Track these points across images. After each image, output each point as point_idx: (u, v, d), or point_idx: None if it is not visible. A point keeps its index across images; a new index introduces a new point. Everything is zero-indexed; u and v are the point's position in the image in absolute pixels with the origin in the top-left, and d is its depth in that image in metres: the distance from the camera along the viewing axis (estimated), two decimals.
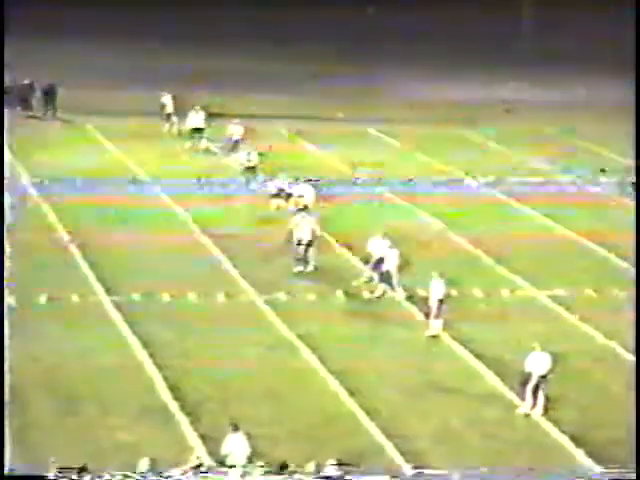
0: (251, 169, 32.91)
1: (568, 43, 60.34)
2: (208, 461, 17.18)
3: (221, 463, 17.04)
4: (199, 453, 17.44)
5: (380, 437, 18.64)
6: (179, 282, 25.06)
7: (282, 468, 16.58)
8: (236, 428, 17.35)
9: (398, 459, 17.84)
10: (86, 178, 33.39)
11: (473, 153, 39.42)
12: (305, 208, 27.90)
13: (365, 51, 57.17)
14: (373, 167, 36.19)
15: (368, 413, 19.39)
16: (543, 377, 19.39)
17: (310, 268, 25.93)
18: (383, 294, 24.46)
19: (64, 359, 21.04)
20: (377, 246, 25.24)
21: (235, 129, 36.45)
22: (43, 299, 23.88)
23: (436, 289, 22.81)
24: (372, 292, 24.62)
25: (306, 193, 29.22)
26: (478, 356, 21.77)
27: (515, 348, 21.16)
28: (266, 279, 25.50)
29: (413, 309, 24.27)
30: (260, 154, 33.57)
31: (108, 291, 24.45)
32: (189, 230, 29.29)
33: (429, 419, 19.30)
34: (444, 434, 18.82)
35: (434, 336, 22.52)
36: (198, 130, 37.42)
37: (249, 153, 33.39)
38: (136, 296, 24.22)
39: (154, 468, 16.31)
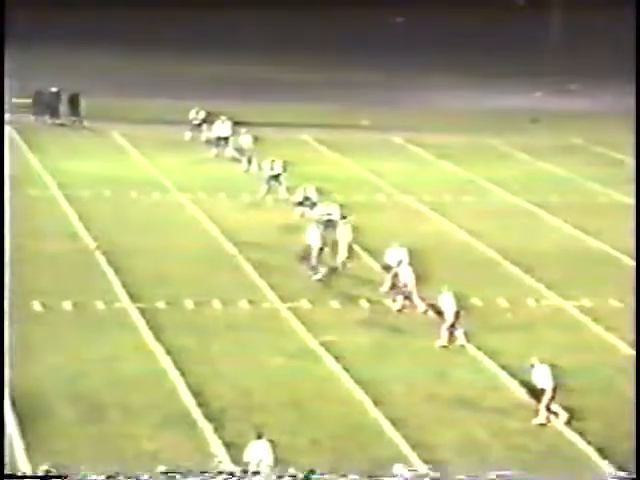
0: (275, 177, 32.94)
1: (595, 52, 60.11)
2: (231, 468, 17.14)
3: (244, 471, 17.01)
4: (221, 459, 17.41)
5: (404, 447, 18.55)
6: (203, 289, 25.08)
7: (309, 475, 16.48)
8: (260, 436, 17.33)
9: (422, 469, 17.74)
10: (112, 185, 33.52)
11: (499, 163, 39.28)
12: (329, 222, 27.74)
13: (391, 59, 57.14)
14: (399, 175, 36.14)
15: (392, 423, 19.30)
16: (554, 389, 19.25)
17: (322, 273, 25.75)
18: (402, 308, 24.33)
19: (88, 366, 21.07)
20: (394, 257, 25.13)
21: (244, 139, 36.60)
22: (68, 305, 23.95)
23: (447, 303, 22.58)
24: (395, 301, 24.56)
25: (333, 213, 28.86)
26: (503, 366, 21.63)
27: (540, 359, 20.98)
28: (290, 287, 25.47)
29: (434, 317, 24.16)
30: (284, 163, 33.60)
31: (133, 298, 24.49)
32: (214, 237, 29.32)
33: (453, 429, 19.19)
34: (468, 445, 18.70)
35: (444, 346, 22.33)
36: (224, 139, 37.56)
37: (273, 161, 33.43)
38: (160, 303, 24.25)
39: (176, 473, 16.29)
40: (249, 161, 35.44)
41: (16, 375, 20.30)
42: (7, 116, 40.87)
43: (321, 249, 25.91)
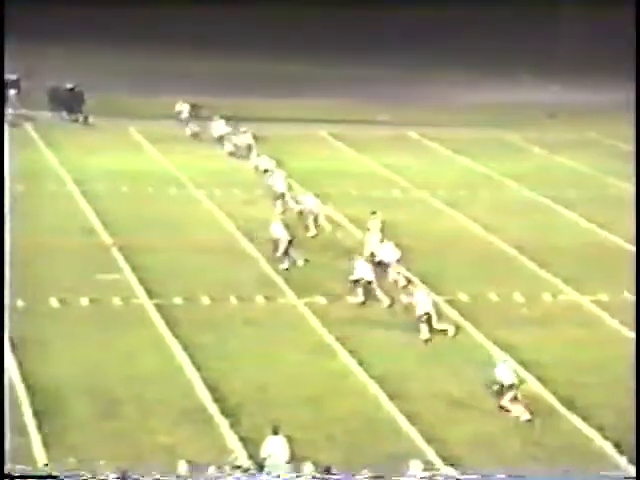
0: (266, 171, 33.10)
1: (612, 46, 59.82)
2: (247, 463, 17.19)
3: (260, 466, 17.06)
4: (238, 454, 17.46)
5: (420, 442, 18.56)
6: (220, 285, 25.14)
7: (327, 471, 16.51)
8: (276, 431, 17.37)
9: (438, 464, 17.75)
10: (129, 181, 33.62)
11: (515, 157, 39.19)
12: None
13: (407, 54, 57.02)
14: (415, 170, 36.11)
15: (408, 418, 19.32)
16: (512, 386, 19.36)
17: (298, 263, 26.07)
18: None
19: (105, 361, 21.16)
20: (387, 253, 25.40)
21: (243, 137, 36.63)
22: (85, 302, 24.05)
23: (422, 301, 22.60)
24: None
25: (313, 205, 29.18)
26: (519, 361, 21.60)
27: (557, 353, 20.97)
28: (306, 282, 25.50)
29: (453, 314, 24.15)
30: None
31: (150, 294, 24.56)
32: (230, 233, 29.37)
33: (470, 424, 19.18)
34: (485, 440, 18.69)
35: (427, 340, 22.33)
36: (221, 137, 37.51)
37: (271, 159, 33.45)
38: (177, 299, 24.32)
39: (193, 470, 16.35)
40: (248, 156, 35.46)
41: (34, 371, 20.41)
42: (23, 111, 41.07)
43: (290, 241, 26.34)
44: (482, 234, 30.05)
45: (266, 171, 32.93)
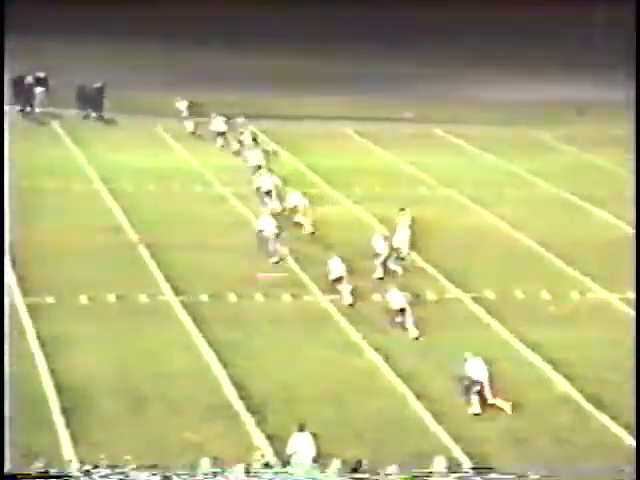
0: (258, 168, 32.97)
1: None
2: (273, 460, 17.19)
3: (286, 463, 17.05)
4: (264, 451, 17.46)
5: (447, 440, 18.49)
6: (246, 282, 25.14)
7: (356, 468, 16.47)
8: (302, 428, 17.35)
9: (466, 462, 17.67)
10: (156, 179, 33.67)
11: (543, 154, 38.98)
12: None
13: (434, 51, 56.86)
14: (441, 168, 36.01)
15: (434, 415, 19.24)
16: (480, 381, 19.40)
17: (279, 257, 26.28)
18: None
19: (132, 358, 21.21)
20: (380, 244, 25.59)
21: (244, 135, 36.58)
22: (113, 298, 24.12)
23: (395, 299, 22.63)
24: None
25: (298, 202, 29.15)
26: (547, 359, 21.48)
27: (585, 351, 20.83)
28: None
29: (480, 312, 24.05)
30: (274, 153, 33.69)
31: (176, 291, 24.60)
32: (255, 231, 29.31)
33: (497, 422, 19.09)
34: (512, 438, 18.60)
35: (416, 338, 22.31)
36: (221, 134, 37.55)
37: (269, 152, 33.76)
38: (203, 296, 24.34)
39: (217, 466, 16.37)
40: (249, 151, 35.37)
41: (62, 367, 20.49)
42: (51, 109, 41.24)
43: (277, 234, 26.59)
44: (509, 231, 29.90)
45: (259, 167, 32.97)
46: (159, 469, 15.97)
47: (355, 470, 16.29)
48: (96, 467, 15.87)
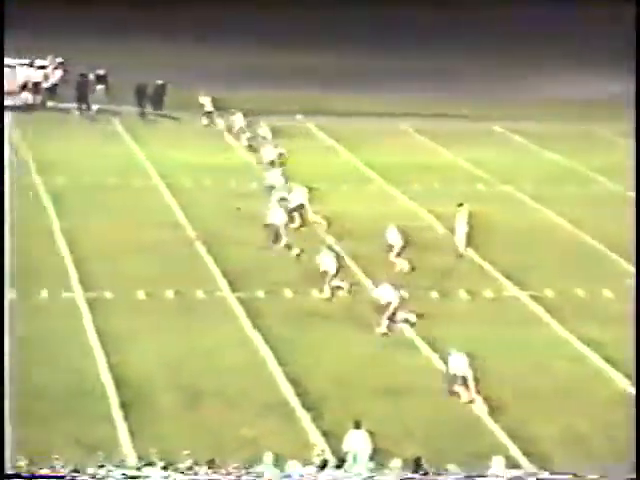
0: (272, 163, 32.81)
1: None
2: (330, 457, 17.17)
3: (342, 460, 17.03)
4: (321, 448, 17.44)
5: (504, 438, 18.33)
6: (301, 278, 25.15)
7: (417, 465, 16.37)
8: (358, 425, 17.31)
9: (523, 461, 17.50)
10: (213, 175, 33.84)
11: (603, 151, 38.48)
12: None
13: (491, 47, 56.41)
14: (499, 164, 35.72)
15: (491, 414, 19.08)
16: (462, 376, 19.36)
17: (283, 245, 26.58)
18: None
19: (189, 354, 21.33)
20: (394, 237, 25.67)
21: (263, 130, 36.47)
22: (171, 294, 24.27)
23: (385, 294, 22.47)
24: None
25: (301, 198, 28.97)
26: (606, 358, 21.20)
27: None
28: (387, 276, 25.37)
29: (539, 309, 23.81)
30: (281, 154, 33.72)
31: (232, 287, 24.69)
32: (312, 226, 29.31)
33: (554, 421, 18.88)
34: (570, 437, 18.38)
35: (384, 334, 22.14)
36: (240, 129, 37.64)
37: (280, 153, 33.62)
38: (260, 292, 24.40)
39: (277, 463, 16.38)
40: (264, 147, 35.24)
41: (120, 362, 20.66)
42: (112, 106, 41.64)
43: (286, 225, 26.99)
44: (569, 229, 29.56)
45: (272, 163, 32.92)
46: (215, 465, 16.03)
47: (416, 469, 16.22)
48: (150, 464, 15.97)
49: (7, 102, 40.85)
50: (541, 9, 63.38)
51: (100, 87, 42.59)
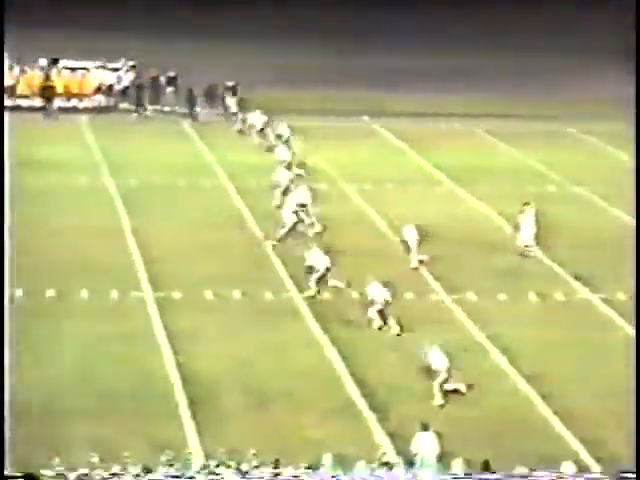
0: (288, 164, 32.58)
1: None
2: (396, 459, 17.08)
3: (410, 462, 16.94)
4: (386, 450, 17.38)
5: (574, 442, 18.07)
6: (369, 280, 25.01)
7: (485, 467, 16.24)
8: (426, 427, 17.22)
9: (593, 465, 17.24)
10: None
11: None
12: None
13: (563, 44, 55.72)
14: (570, 165, 35.27)
15: (561, 418, 18.83)
16: (447, 370, 19.41)
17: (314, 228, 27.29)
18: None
19: (256, 354, 21.39)
20: (410, 234, 25.80)
21: (282, 128, 36.33)
22: (238, 295, 24.36)
23: (376, 293, 22.46)
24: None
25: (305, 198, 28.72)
26: None
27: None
28: (455, 278, 25.20)
29: (611, 312, 23.44)
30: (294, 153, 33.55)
31: (300, 288, 24.70)
32: (380, 229, 29.23)
33: (626, 424, 18.55)
34: None
35: (380, 328, 22.20)
36: (261, 129, 37.53)
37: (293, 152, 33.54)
38: (327, 294, 24.37)
39: (339, 464, 16.34)
40: (289, 147, 35.00)
41: (188, 362, 20.79)
42: (177, 108, 41.99)
43: (296, 223, 27.18)
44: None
45: (288, 164, 32.82)
46: (282, 465, 16.06)
47: (485, 470, 16.11)
48: (219, 465, 16.05)
49: (82, 104, 41.64)
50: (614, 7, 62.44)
51: (170, 89, 43.00)
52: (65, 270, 24.95)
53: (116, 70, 42.97)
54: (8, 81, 41.07)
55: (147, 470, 15.79)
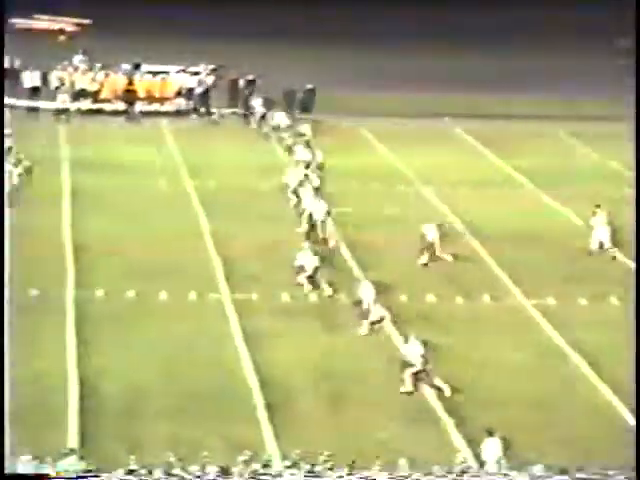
0: (307, 167, 32.32)
1: None
2: (473, 464, 17.01)
3: (482, 465, 16.89)
4: (464, 454, 17.30)
5: None
6: (445, 283, 24.95)
7: (562, 472, 16.11)
8: (491, 433, 17.17)
9: None
10: (357, 179, 33.73)
11: None
12: None
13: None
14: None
15: None
16: (424, 364, 19.56)
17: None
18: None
19: (331, 357, 21.41)
20: (431, 232, 26.00)
21: (304, 128, 36.23)
22: (314, 297, 24.39)
23: (366, 292, 22.34)
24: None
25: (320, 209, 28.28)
26: None
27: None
28: (535, 282, 24.95)
29: None
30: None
31: (378, 290, 24.56)
32: (457, 231, 28.98)
33: None
34: None
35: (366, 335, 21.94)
36: (281, 129, 37.56)
37: (314, 153, 33.39)
38: (403, 297, 24.27)
39: (414, 468, 16.32)
40: (308, 146, 34.66)
41: (265, 363, 20.90)
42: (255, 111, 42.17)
43: (313, 225, 27.41)
44: None
45: (299, 163, 32.59)
46: (356, 468, 16.09)
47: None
48: (295, 465, 16.15)
49: (163, 108, 42.16)
50: None
51: (248, 92, 43.19)
52: (144, 271, 25.28)
53: (196, 74, 43.39)
54: (93, 86, 41.82)
55: (224, 470, 15.95)
